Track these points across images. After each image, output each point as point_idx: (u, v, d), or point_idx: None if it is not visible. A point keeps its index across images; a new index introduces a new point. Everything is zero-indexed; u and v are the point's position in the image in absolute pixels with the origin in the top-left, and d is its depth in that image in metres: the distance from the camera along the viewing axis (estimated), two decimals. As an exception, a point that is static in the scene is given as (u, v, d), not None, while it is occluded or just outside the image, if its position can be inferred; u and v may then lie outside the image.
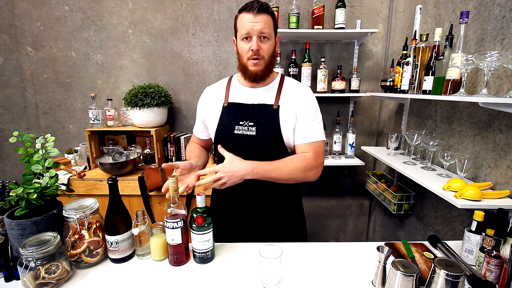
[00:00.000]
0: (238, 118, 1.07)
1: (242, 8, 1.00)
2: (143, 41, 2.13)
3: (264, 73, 1.04)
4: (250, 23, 0.97)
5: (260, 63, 1.01)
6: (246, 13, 0.98)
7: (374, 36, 2.11)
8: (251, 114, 1.07)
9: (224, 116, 1.10)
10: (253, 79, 1.05)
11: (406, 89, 1.52)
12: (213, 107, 1.14)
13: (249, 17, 0.97)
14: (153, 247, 0.94)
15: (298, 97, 1.07)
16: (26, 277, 0.76)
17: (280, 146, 1.07)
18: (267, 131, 1.05)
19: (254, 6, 0.97)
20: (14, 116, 2.24)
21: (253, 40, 0.98)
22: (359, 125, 2.28)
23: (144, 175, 1.77)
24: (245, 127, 1.06)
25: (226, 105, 1.11)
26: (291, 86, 1.10)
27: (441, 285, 0.69)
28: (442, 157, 1.28)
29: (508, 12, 1.10)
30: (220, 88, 1.16)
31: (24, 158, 0.92)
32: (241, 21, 0.99)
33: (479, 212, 0.91)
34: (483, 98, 0.97)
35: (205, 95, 1.20)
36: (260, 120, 1.05)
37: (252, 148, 1.06)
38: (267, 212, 1.14)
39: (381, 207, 2.25)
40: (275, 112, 1.05)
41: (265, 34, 0.99)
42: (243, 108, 1.08)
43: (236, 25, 1.04)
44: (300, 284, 0.84)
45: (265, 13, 0.98)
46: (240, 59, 1.05)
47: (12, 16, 2.08)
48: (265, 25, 0.98)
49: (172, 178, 0.90)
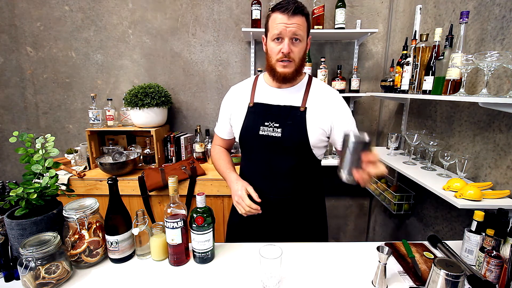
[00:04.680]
0: (263, 118, 1.05)
1: (276, 7, 0.95)
2: (143, 41, 2.13)
3: (293, 75, 1.02)
4: (284, 24, 0.93)
5: (290, 65, 0.98)
6: (281, 13, 0.93)
7: (374, 36, 2.11)
8: (277, 115, 1.04)
9: (250, 116, 1.08)
10: (281, 81, 1.03)
11: (406, 89, 1.52)
12: (238, 106, 1.12)
13: (283, 18, 0.93)
14: (153, 247, 0.94)
15: (330, 103, 1.04)
16: (26, 277, 0.76)
17: (306, 149, 1.05)
18: (293, 133, 1.02)
19: (290, 7, 0.92)
20: (14, 116, 2.24)
21: (285, 42, 0.94)
22: (359, 125, 2.27)
23: (144, 175, 1.77)
24: (271, 128, 1.04)
25: (252, 105, 1.09)
26: (319, 89, 1.08)
27: (441, 285, 0.69)
28: (442, 157, 1.28)
29: (508, 12, 1.10)
30: (246, 88, 1.14)
31: (24, 158, 0.92)
32: (274, 21, 0.95)
33: (479, 212, 0.91)
34: (483, 98, 0.97)
35: (230, 94, 1.18)
36: (287, 122, 1.03)
37: (277, 150, 1.04)
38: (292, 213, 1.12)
39: (381, 207, 2.25)
40: (302, 115, 1.03)
41: (297, 37, 0.95)
42: (269, 108, 1.06)
43: (267, 24, 0.99)
44: (300, 284, 0.84)
45: (300, 15, 0.94)
46: (269, 59, 1.01)
47: (12, 16, 2.08)
48: (299, 27, 0.94)
49: (172, 178, 0.90)
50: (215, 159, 1.22)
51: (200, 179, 1.81)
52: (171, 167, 1.87)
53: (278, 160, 1.00)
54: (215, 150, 1.26)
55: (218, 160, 1.20)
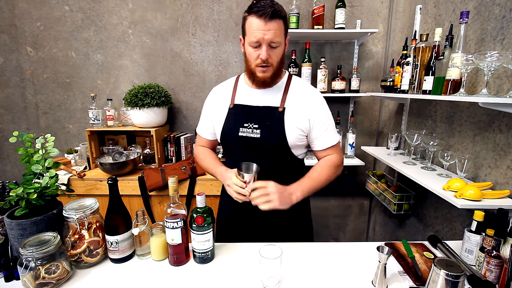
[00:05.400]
0: (243, 120, 1.06)
1: (253, 10, 0.92)
2: (143, 41, 2.13)
3: (272, 79, 1.03)
4: (261, 31, 0.91)
5: (269, 69, 0.99)
6: (257, 18, 0.90)
7: (374, 36, 2.11)
8: (256, 117, 1.05)
9: (230, 118, 1.09)
10: (260, 85, 1.04)
11: (406, 89, 1.52)
12: (219, 108, 1.13)
13: (259, 24, 0.91)
14: (153, 247, 0.94)
15: (308, 102, 1.05)
16: (26, 277, 0.76)
17: (285, 149, 1.05)
18: (271, 134, 1.03)
19: (267, 12, 0.89)
20: (14, 116, 2.24)
21: (263, 49, 0.94)
22: (359, 125, 2.28)
23: (144, 175, 1.77)
24: (250, 129, 1.05)
25: (232, 107, 1.10)
26: (298, 88, 1.08)
27: (441, 285, 0.69)
28: (442, 157, 1.28)
29: (508, 12, 1.10)
30: (227, 89, 1.15)
31: (24, 158, 0.92)
32: (251, 26, 0.93)
33: (479, 212, 0.91)
34: (483, 98, 0.97)
35: (212, 95, 1.19)
36: (265, 123, 1.04)
37: (257, 151, 1.05)
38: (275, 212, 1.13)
39: (381, 207, 2.25)
40: (280, 115, 1.03)
41: (275, 44, 0.95)
42: (248, 110, 1.07)
43: (244, 27, 0.97)
44: (300, 284, 0.84)
45: (277, 19, 0.92)
46: (248, 63, 1.02)
47: (12, 16, 2.08)
48: (276, 33, 0.92)
49: (172, 178, 0.90)
50: (200, 158, 1.22)
51: (200, 179, 1.81)
52: (171, 167, 1.87)
53: (258, 161, 1.01)
54: (199, 150, 1.25)
55: (204, 159, 1.20)
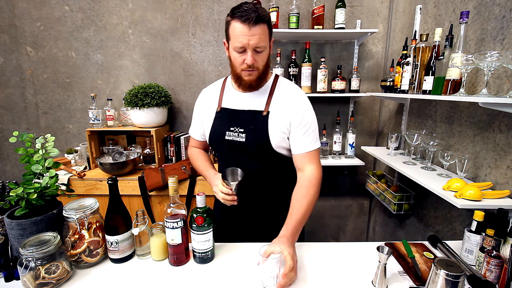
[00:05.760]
0: (229, 124, 1.07)
1: (236, 15, 0.90)
2: (143, 41, 2.13)
3: (258, 82, 1.03)
4: (245, 37, 0.90)
5: (255, 73, 0.99)
6: (241, 23, 0.89)
7: (374, 36, 2.11)
8: (242, 120, 1.05)
9: (217, 121, 1.10)
10: (247, 88, 1.04)
11: (406, 89, 1.52)
12: (208, 111, 1.14)
13: (243, 30, 0.89)
14: (153, 247, 0.94)
15: (290, 105, 1.04)
16: (26, 277, 0.76)
17: (270, 152, 1.05)
18: (256, 138, 1.03)
19: (250, 17, 0.88)
20: (14, 116, 2.24)
21: (248, 55, 0.94)
22: (359, 125, 2.28)
23: (144, 175, 1.77)
24: (235, 133, 1.05)
25: (219, 110, 1.10)
26: (283, 91, 1.07)
27: (441, 285, 0.69)
28: (442, 157, 1.28)
29: (508, 12, 1.10)
30: (215, 92, 1.15)
31: (24, 158, 0.92)
32: (235, 31, 0.91)
33: (479, 212, 0.91)
34: (483, 98, 0.97)
35: (201, 98, 1.20)
36: (250, 127, 1.04)
37: (242, 155, 1.06)
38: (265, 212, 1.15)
39: (381, 207, 2.25)
40: (264, 119, 1.03)
41: (260, 49, 0.94)
42: (234, 114, 1.07)
43: (228, 32, 0.95)
44: (300, 284, 0.84)
45: (261, 23, 0.91)
46: (233, 67, 1.01)
47: (12, 16, 2.08)
48: (260, 38, 0.91)
49: (172, 178, 0.90)
50: (193, 159, 1.24)
51: (200, 179, 1.81)
52: (171, 167, 1.87)
53: (245, 163, 1.02)
54: (192, 151, 1.27)
55: (196, 160, 1.22)
